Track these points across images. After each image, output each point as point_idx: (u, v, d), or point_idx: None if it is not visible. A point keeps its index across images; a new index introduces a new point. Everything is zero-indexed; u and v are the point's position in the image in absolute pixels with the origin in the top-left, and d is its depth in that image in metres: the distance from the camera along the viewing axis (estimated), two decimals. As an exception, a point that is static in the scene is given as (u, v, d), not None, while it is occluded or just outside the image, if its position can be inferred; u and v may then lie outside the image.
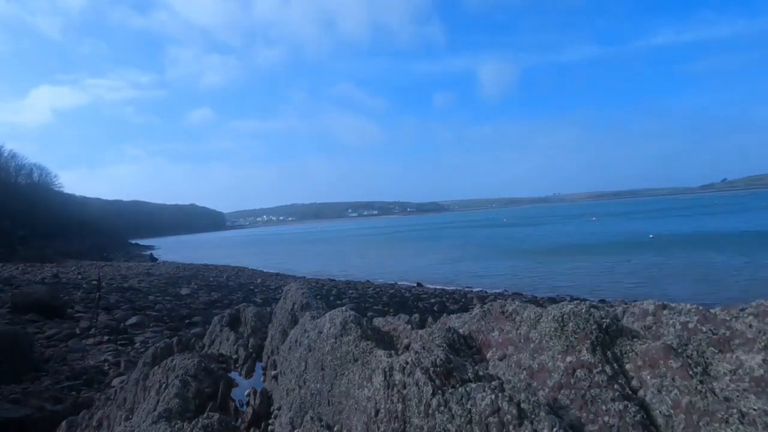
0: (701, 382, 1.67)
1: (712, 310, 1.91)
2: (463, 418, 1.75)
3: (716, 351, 1.76)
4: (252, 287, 25.31)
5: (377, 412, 2.13)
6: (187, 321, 14.06)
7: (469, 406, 1.77)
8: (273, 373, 3.96)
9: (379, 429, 2.08)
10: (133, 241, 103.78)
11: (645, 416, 1.70)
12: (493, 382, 1.87)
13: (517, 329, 2.46)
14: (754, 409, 1.50)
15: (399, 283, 26.76)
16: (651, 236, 41.80)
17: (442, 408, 1.83)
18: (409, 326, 3.39)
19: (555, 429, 1.60)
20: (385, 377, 2.16)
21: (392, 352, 2.71)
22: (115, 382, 7.52)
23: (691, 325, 1.90)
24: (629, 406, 1.73)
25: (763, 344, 1.65)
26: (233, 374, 4.50)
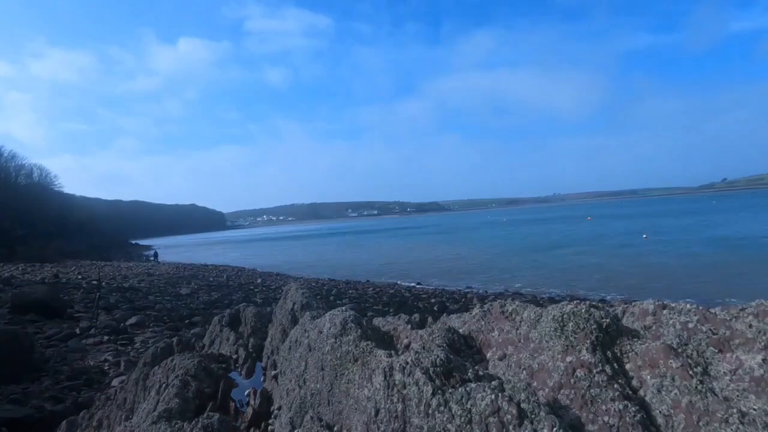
0: (701, 382, 1.67)
1: (712, 310, 1.91)
2: (463, 418, 1.75)
3: (716, 351, 1.76)
4: (252, 287, 25.30)
5: (377, 412, 2.13)
6: (187, 321, 14.05)
7: (469, 406, 1.77)
8: (273, 373, 3.96)
9: (379, 429, 2.08)
10: (133, 242, 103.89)
11: (645, 416, 1.70)
12: (493, 382, 1.87)
13: (517, 329, 2.46)
14: (754, 409, 1.50)
15: (399, 283, 26.76)
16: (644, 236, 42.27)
17: (442, 408, 1.83)
18: (409, 326, 3.39)
19: (555, 429, 1.60)
20: (385, 377, 2.16)
21: (392, 352, 2.71)
22: (115, 382, 7.53)
23: (691, 325, 1.90)
24: (629, 406, 1.73)
25: (763, 344, 1.65)
26: (233, 374, 4.50)
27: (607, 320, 2.10)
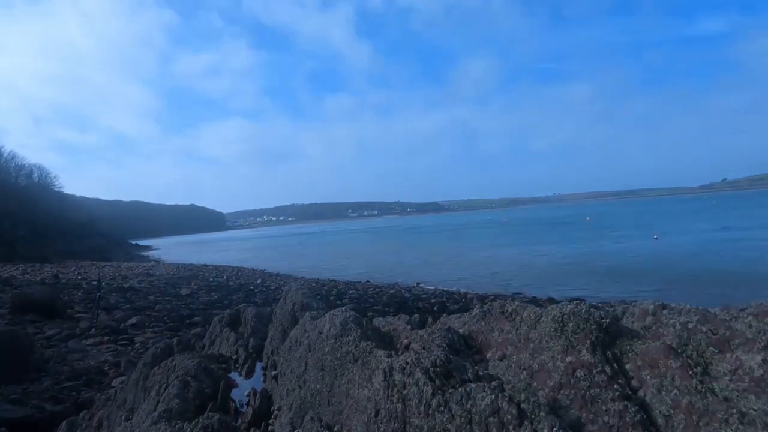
0: (701, 382, 1.68)
1: (712, 310, 1.92)
2: (463, 419, 1.75)
3: (716, 351, 1.76)
4: (252, 287, 25.31)
5: (377, 412, 2.13)
6: (187, 321, 14.06)
7: (469, 407, 1.77)
8: (273, 373, 3.96)
9: (379, 429, 2.08)
10: (133, 242, 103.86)
11: (645, 416, 1.70)
12: (493, 383, 1.87)
13: (517, 329, 2.47)
14: (754, 409, 1.50)
15: (399, 283, 26.75)
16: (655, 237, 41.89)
17: (442, 408, 1.83)
18: (409, 326, 3.40)
19: (555, 429, 1.60)
20: (385, 377, 2.16)
21: (392, 352, 2.71)
22: (115, 382, 7.52)
23: (691, 325, 1.90)
24: (629, 406, 1.73)
25: (762, 344, 1.65)
26: (233, 374, 4.51)
27: (607, 320, 2.11)
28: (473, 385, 1.86)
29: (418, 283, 26.09)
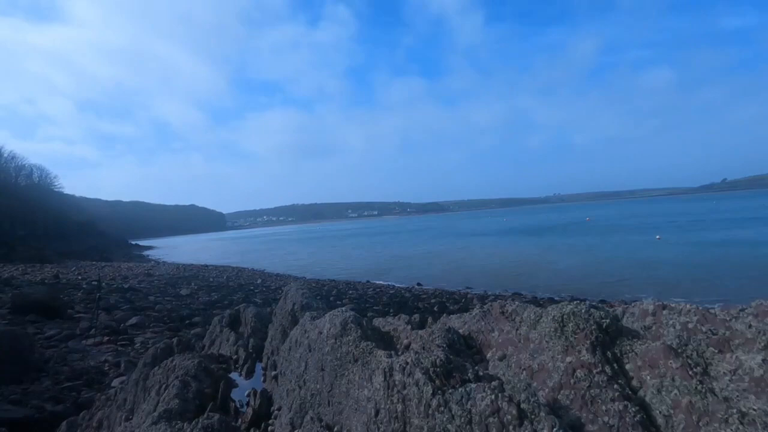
0: (701, 382, 1.68)
1: (712, 310, 1.92)
2: (463, 419, 1.75)
3: (716, 351, 1.76)
4: (252, 287, 25.31)
5: (377, 412, 2.13)
6: (187, 321, 14.05)
7: (469, 407, 1.77)
8: (273, 373, 3.96)
9: (379, 429, 2.08)
10: (133, 242, 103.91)
11: (645, 416, 1.70)
12: (493, 383, 1.87)
13: (517, 329, 2.47)
14: (754, 409, 1.50)
15: (399, 283, 26.74)
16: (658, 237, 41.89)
17: (442, 408, 1.83)
18: (409, 326, 3.39)
19: (555, 429, 1.60)
20: (385, 377, 2.16)
21: (392, 352, 2.71)
22: (115, 382, 7.52)
23: (690, 325, 1.90)
24: (629, 406, 1.73)
25: (762, 344, 1.65)
26: (233, 375, 4.51)
27: (607, 320, 2.11)
28: (473, 385, 1.86)
29: (418, 284, 26.10)
